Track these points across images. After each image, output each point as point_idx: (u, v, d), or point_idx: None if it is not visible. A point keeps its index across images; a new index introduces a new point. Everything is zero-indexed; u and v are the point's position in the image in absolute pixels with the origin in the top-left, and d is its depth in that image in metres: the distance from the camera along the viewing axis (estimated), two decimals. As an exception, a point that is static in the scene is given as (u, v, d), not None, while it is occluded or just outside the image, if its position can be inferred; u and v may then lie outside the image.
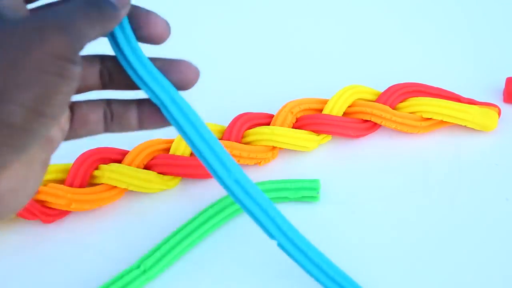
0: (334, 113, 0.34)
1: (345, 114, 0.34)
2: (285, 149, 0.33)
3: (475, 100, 0.34)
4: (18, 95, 0.19)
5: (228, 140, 0.32)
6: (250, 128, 0.33)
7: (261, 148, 0.32)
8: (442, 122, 0.34)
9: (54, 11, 0.21)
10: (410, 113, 0.34)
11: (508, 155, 0.33)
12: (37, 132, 0.19)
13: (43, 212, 0.29)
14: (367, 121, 0.34)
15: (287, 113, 0.33)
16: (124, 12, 0.23)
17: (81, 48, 0.20)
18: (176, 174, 0.31)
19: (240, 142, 0.32)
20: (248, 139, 0.33)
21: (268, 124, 0.33)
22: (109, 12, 0.22)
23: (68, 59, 0.20)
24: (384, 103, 0.34)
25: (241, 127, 0.33)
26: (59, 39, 0.19)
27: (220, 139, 0.32)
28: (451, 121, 0.34)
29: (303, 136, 0.33)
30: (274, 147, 0.33)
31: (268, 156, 0.32)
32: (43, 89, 0.19)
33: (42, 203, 0.29)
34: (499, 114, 0.34)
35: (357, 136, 0.34)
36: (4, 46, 0.19)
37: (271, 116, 0.34)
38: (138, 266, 0.27)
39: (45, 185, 0.29)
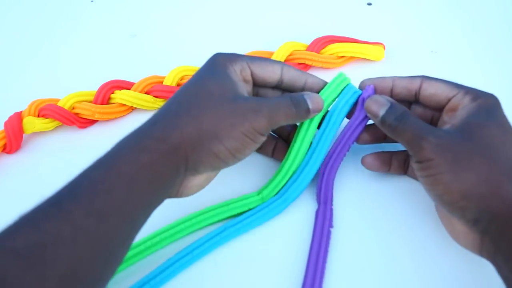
0: (278, 60, 0.44)
1: (286, 60, 0.45)
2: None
3: (368, 41, 0.46)
4: (228, 142, 0.29)
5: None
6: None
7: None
8: (351, 58, 0.46)
9: (267, 102, 0.31)
10: (329, 54, 0.45)
11: (391, 75, 0.37)
12: (228, 164, 0.31)
13: (78, 120, 0.42)
14: (301, 64, 0.45)
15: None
16: (313, 115, 0.34)
17: (272, 129, 0.32)
18: (166, 98, 0.43)
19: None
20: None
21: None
22: (303, 114, 0.33)
23: (261, 133, 0.31)
24: (312, 51, 0.45)
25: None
26: (262, 121, 0.30)
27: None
28: (356, 56, 0.45)
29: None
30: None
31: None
32: (240, 143, 0.30)
33: (77, 114, 0.42)
34: (384, 49, 0.46)
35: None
36: (234, 113, 0.30)
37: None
38: None
39: (79, 103, 0.43)
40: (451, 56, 0.47)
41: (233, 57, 0.33)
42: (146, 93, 0.44)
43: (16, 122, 0.41)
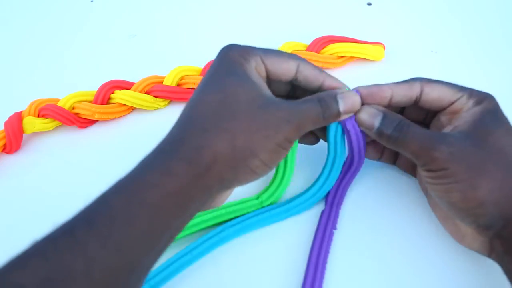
0: None
1: None
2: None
3: (368, 41, 0.46)
4: (263, 156, 0.27)
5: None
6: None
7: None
8: (350, 58, 0.46)
9: (297, 110, 0.29)
10: (329, 54, 0.45)
11: (391, 76, 0.39)
12: (262, 176, 0.29)
13: (78, 120, 0.42)
14: None
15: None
16: (345, 117, 0.31)
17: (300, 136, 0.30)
18: (165, 98, 0.44)
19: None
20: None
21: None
22: (332, 119, 0.31)
23: (291, 141, 0.29)
24: (312, 51, 0.45)
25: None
26: (294, 131, 0.28)
27: (198, 75, 0.44)
28: (356, 56, 0.45)
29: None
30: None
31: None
32: (275, 155, 0.28)
33: (77, 114, 0.42)
34: (384, 49, 0.46)
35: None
36: (267, 124, 0.27)
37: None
38: None
39: (79, 103, 0.42)
40: (451, 56, 0.47)
41: (246, 52, 0.30)
42: (146, 93, 0.44)
43: (16, 122, 0.41)
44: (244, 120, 0.27)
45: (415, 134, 0.29)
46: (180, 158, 0.26)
